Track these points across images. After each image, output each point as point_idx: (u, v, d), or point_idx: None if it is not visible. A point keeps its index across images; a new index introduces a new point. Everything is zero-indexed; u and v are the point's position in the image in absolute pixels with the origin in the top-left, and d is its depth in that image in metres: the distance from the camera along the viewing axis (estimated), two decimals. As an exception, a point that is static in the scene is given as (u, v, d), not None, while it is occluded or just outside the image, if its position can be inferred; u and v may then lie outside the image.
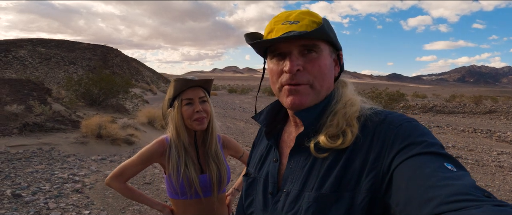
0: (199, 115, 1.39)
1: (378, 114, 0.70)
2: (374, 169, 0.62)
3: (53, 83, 25.25)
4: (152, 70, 62.69)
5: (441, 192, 0.48)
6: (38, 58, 34.09)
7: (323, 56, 0.72)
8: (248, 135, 10.05)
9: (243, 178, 0.92)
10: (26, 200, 3.84)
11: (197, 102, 1.40)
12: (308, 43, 0.71)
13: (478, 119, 16.85)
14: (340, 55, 0.80)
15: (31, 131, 6.93)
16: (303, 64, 0.71)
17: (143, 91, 30.05)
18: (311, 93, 0.72)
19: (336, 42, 0.76)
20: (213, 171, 1.42)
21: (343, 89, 0.78)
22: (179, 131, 1.41)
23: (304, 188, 0.69)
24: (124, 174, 1.45)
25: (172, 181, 1.39)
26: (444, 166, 0.54)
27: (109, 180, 1.46)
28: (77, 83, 13.33)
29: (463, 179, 0.51)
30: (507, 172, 6.13)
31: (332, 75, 0.77)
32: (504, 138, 9.82)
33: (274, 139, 0.84)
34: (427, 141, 0.60)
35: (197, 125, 1.40)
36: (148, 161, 1.45)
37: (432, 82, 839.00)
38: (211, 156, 1.45)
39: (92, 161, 5.90)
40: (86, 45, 42.67)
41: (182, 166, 1.38)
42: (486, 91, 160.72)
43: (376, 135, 0.66)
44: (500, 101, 28.49)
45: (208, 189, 1.43)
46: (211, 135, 1.46)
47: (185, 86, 1.40)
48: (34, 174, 4.81)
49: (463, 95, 34.56)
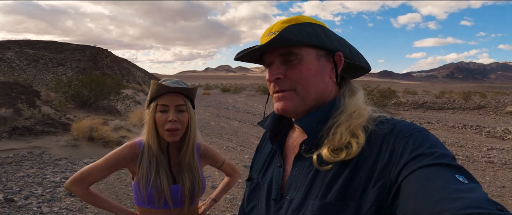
0: (171, 125, 1.26)
1: (387, 122, 0.69)
2: (382, 178, 0.62)
3: (41, 86, 24.80)
4: (144, 71, 62.12)
5: (453, 205, 0.47)
6: (25, 60, 33.44)
7: (305, 62, 0.73)
8: (242, 134, 10.04)
9: (246, 183, 0.91)
10: (19, 204, 3.78)
11: (173, 110, 1.28)
12: (285, 51, 0.73)
13: (467, 114, 17.17)
14: (338, 56, 0.76)
15: (20, 134, 6.80)
16: (284, 72, 0.73)
17: (135, 92, 29.74)
18: (296, 99, 0.73)
19: (325, 44, 0.74)
20: (186, 183, 1.32)
21: (349, 99, 0.75)
22: (149, 137, 1.30)
23: (308, 196, 0.69)
24: (87, 179, 1.30)
25: (140, 189, 1.27)
26: (455, 178, 0.53)
27: (69, 184, 1.31)
28: (67, 85, 13.12)
29: (475, 192, 0.50)
30: (497, 167, 6.26)
31: (321, 79, 0.75)
32: (493, 134, 10.02)
33: (279, 144, 0.83)
34: (437, 152, 0.59)
35: (168, 136, 1.28)
36: (115, 166, 1.32)
37: (422, 78, 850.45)
38: (185, 167, 1.34)
39: (85, 164, 5.82)
40: (75, 46, 42.02)
41: (152, 174, 1.27)
42: (474, 87, 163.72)
43: (385, 144, 0.65)
44: (488, 97, 29.07)
45: (179, 200, 1.32)
46: (187, 146, 1.34)
47: (161, 91, 1.28)
48: (25, 178, 4.72)
49: (452, 91, 35.16)
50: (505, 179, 5.53)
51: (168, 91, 1.28)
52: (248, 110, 18.56)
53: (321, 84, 0.74)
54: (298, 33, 0.71)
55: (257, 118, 14.60)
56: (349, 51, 0.79)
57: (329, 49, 0.75)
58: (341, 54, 0.77)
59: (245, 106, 21.89)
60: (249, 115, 16.13)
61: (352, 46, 0.80)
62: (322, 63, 0.75)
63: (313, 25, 0.75)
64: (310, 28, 0.73)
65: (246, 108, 20.21)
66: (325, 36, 0.75)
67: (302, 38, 0.71)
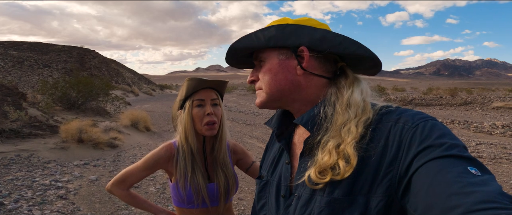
0: (209, 118, 1.30)
1: (391, 113, 0.67)
2: (390, 172, 0.60)
3: (27, 88, 24.22)
4: (133, 72, 61.29)
5: (466, 200, 0.46)
6: (10, 62, 32.60)
7: (268, 63, 0.78)
8: (235, 133, 10.00)
9: (256, 181, 0.91)
10: (9, 208, 3.67)
11: (209, 104, 1.32)
12: (254, 57, 0.82)
13: (454, 110, 17.53)
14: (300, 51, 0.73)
15: (7, 137, 6.61)
16: (257, 74, 0.82)
17: (125, 93, 29.33)
18: (263, 95, 0.80)
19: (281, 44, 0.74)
20: (221, 180, 1.35)
21: (338, 100, 0.71)
22: (188, 135, 1.32)
23: (315, 192, 0.67)
24: (127, 180, 1.37)
25: (179, 189, 1.31)
26: (467, 170, 0.51)
27: (110, 186, 1.38)
28: (53, 87, 12.81)
29: (489, 185, 0.48)
30: (486, 162, 6.38)
31: (285, 76, 0.75)
32: (481, 129, 10.25)
33: (285, 141, 0.84)
34: (447, 142, 0.56)
35: (206, 130, 1.30)
36: (154, 167, 1.36)
37: (409, 76, 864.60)
38: (219, 164, 1.37)
39: (75, 166, 5.69)
40: (61, 47, 41.13)
41: (189, 173, 1.31)
42: (460, 83, 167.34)
43: (391, 137, 0.62)
44: (474, 93, 29.77)
45: (215, 198, 1.36)
46: (220, 142, 1.37)
47: (199, 86, 1.31)
48: (14, 182, 4.59)
49: (439, 88, 35.84)
50: (495, 173, 5.65)
51: (202, 87, 1.33)
52: (240, 109, 18.53)
53: (283, 81, 0.76)
54: (251, 40, 0.77)
55: (249, 117, 14.58)
56: (320, 43, 0.72)
57: (289, 47, 0.74)
58: (304, 49, 0.73)
59: (237, 105, 21.85)
60: (241, 114, 16.10)
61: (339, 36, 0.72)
62: (282, 62, 0.76)
63: (279, 27, 0.73)
64: (270, 30, 0.74)
65: (238, 107, 20.18)
66: (283, 35, 0.73)
67: (253, 43, 0.77)
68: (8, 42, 39.76)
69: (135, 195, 1.44)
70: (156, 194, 4.49)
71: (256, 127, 11.32)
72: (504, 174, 5.56)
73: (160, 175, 5.26)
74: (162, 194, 4.51)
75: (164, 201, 4.27)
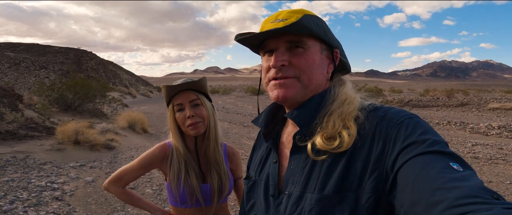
0: (190, 121, 1.30)
1: (377, 110, 0.69)
2: (377, 168, 0.61)
3: (24, 89, 24.08)
4: (131, 73, 61.07)
5: (448, 195, 0.47)
6: (6, 63, 32.42)
7: (310, 52, 0.74)
8: (232, 135, 10.00)
9: (244, 181, 0.91)
10: (4, 209, 3.65)
11: (188, 107, 1.32)
12: (294, 39, 0.73)
13: (451, 111, 17.62)
14: (336, 53, 0.80)
15: (3, 139, 6.57)
16: (289, 59, 0.73)
17: (122, 95, 29.24)
18: (298, 86, 0.73)
19: (329, 40, 0.77)
20: (214, 180, 1.35)
21: (339, 88, 0.77)
22: (175, 137, 1.35)
23: (306, 190, 0.68)
24: (123, 178, 1.39)
25: (173, 189, 1.33)
26: (449, 166, 0.53)
27: (107, 184, 1.41)
28: (50, 89, 12.74)
29: (471, 180, 0.50)
30: (482, 163, 6.41)
31: (322, 71, 0.76)
32: (477, 130, 10.31)
33: (273, 140, 0.84)
34: (430, 138, 0.58)
35: (190, 130, 1.32)
36: (148, 166, 1.39)
37: (406, 77, 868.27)
38: (212, 163, 1.37)
39: (71, 167, 5.66)
40: (58, 48, 41.00)
41: (182, 173, 1.32)
42: (457, 85, 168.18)
43: (377, 133, 0.64)
44: (471, 94, 29.93)
45: (209, 198, 1.37)
46: (209, 140, 1.36)
47: (172, 92, 1.33)
48: (10, 183, 4.56)
49: (436, 89, 35.98)
50: (491, 173, 5.67)
51: (178, 91, 1.32)
52: (237, 111, 18.51)
53: (321, 76, 0.76)
54: (313, 24, 0.72)
55: (247, 119, 14.58)
56: (342, 50, 0.83)
57: (330, 45, 0.78)
58: (338, 52, 0.80)
59: (235, 107, 21.84)
60: (239, 115, 16.10)
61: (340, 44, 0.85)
62: (323, 57, 0.77)
63: (321, 20, 0.77)
64: (320, 21, 0.76)
65: (235, 109, 20.15)
66: (328, 32, 0.77)
67: (316, 30, 0.72)
68: (4, 43, 39.57)
69: (131, 193, 1.46)
70: (153, 196, 4.48)
71: (254, 129, 11.32)
72: (500, 174, 5.58)
73: (156, 176, 5.25)
74: (158, 195, 4.50)
75: (161, 202, 4.26)
